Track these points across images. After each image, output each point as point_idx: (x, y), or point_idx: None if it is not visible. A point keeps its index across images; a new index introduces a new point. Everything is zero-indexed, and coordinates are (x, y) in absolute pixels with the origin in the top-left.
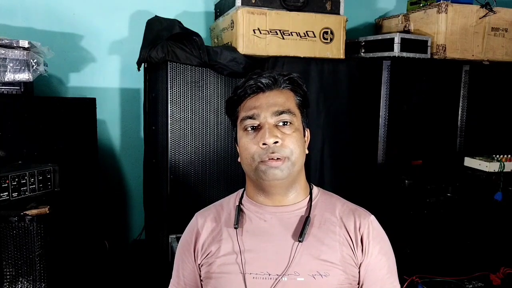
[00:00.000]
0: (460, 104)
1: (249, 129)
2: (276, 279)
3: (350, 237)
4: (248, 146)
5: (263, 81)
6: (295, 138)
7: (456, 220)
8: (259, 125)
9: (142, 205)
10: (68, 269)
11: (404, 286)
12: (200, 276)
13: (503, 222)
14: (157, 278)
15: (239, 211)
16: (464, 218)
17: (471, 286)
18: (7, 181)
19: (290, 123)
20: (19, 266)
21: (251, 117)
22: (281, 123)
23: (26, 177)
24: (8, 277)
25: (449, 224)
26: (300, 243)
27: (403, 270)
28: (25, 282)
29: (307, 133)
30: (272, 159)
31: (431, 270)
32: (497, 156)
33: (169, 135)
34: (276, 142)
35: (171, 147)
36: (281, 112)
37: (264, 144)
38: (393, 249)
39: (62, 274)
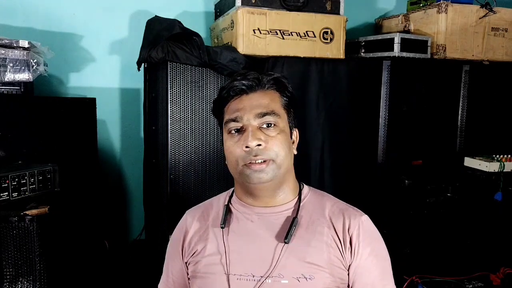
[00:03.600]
0: (460, 104)
1: (233, 131)
2: (259, 281)
3: (339, 238)
4: (232, 149)
5: (245, 83)
6: (280, 140)
7: (456, 220)
8: (242, 127)
9: (142, 205)
10: (68, 269)
11: (404, 286)
12: (187, 274)
13: (503, 222)
14: (157, 278)
15: (227, 210)
16: (464, 218)
17: (471, 286)
18: (7, 181)
19: (274, 124)
20: (19, 266)
21: (234, 120)
22: (265, 125)
23: (26, 177)
24: (8, 277)
25: (449, 224)
26: (285, 244)
27: (403, 270)
28: (25, 282)
29: (296, 133)
30: (255, 162)
31: (431, 270)
32: (497, 156)
33: (169, 135)
34: (259, 145)
35: (171, 147)
36: (264, 114)
37: (247, 147)
38: (393, 249)
39: (62, 274)
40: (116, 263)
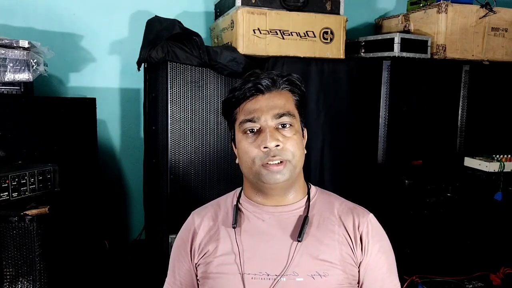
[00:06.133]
0: (460, 104)
1: (249, 132)
2: (275, 280)
3: (349, 236)
4: (249, 149)
5: (262, 82)
6: (296, 141)
7: (456, 220)
8: (259, 128)
9: (142, 205)
10: (68, 269)
11: (404, 286)
12: (196, 276)
13: (503, 222)
14: (157, 278)
15: (237, 210)
16: (464, 218)
17: (471, 286)
18: (7, 181)
19: (291, 125)
20: (19, 266)
21: (251, 120)
22: (281, 126)
23: (26, 177)
24: (8, 277)
25: (449, 224)
26: (299, 243)
27: (403, 270)
28: (25, 282)
29: (305, 133)
30: (273, 163)
31: (431, 270)
32: (497, 156)
33: (169, 135)
34: (277, 146)
35: (171, 147)
36: (282, 115)
37: (265, 147)
38: (393, 249)
39: (62, 274)
40: (116, 263)
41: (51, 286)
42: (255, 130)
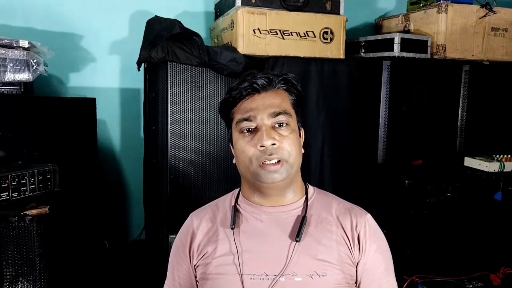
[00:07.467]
0: (460, 104)
1: (245, 131)
2: (273, 280)
3: (347, 236)
4: (245, 148)
5: (258, 82)
6: (292, 140)
7: (456, 220)
8: (256, 127)
9: (142, 205)
10: (68, 269)
11: (404, 286)
12: (195, 277)
13: (503, 222)
14: (157, 278)
15: (235, 211)
16: (464, 218)
17: (471, 286)
18: (7, 181)
19: (287, 124)
20: (19, 266)
21: (247, 119)
22: (277, 125)
23: (26, 177)
24: (8, 277)
25: (449, 224)
26: (297, 243)
27: (403, 270)
28: (25, 282)
29: (302, 132)
30: (270, 162)
31: (431, 270)
32: (497, 156)
33: (169, 135)
34: (273, 144)
35: (171, 147)
36: (278, 114)
37: (261, 146)
38: (393, 249)
39: (62, 274)
40: (116, 263)
41: (51, 286)
42: (252, 129)
